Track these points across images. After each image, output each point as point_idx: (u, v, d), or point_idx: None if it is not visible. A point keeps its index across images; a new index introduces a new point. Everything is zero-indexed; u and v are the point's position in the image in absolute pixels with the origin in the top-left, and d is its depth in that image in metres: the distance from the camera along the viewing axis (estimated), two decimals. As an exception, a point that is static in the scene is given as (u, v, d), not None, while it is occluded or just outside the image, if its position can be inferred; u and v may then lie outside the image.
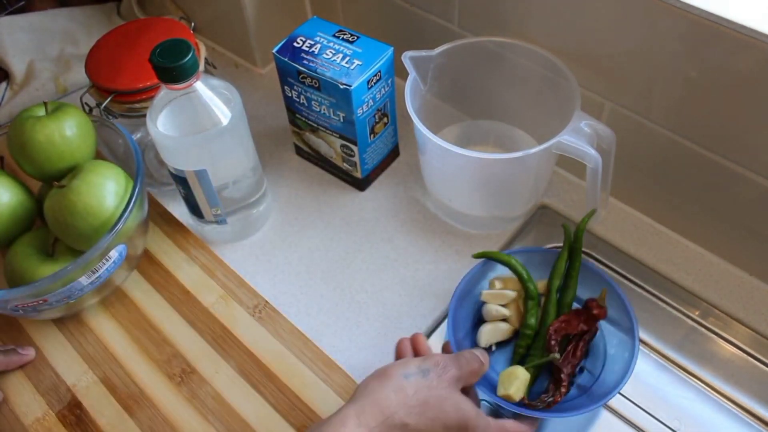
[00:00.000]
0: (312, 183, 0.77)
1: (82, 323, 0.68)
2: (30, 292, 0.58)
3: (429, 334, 0.65)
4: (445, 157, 0.63)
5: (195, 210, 0.69)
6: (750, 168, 0.59)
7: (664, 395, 0.61)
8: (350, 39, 0.67)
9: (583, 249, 0.69)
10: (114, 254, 0.61)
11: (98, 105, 0.71)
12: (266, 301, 0.67)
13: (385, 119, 0.70)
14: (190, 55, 0.57)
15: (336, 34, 0.67)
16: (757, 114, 0.55)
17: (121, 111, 0.72)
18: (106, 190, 0.60)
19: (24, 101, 0.88)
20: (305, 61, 0.65)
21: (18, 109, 0.85)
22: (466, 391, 0.53)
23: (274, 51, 0.67)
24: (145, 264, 0.71)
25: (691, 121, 0.60)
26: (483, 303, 0.63)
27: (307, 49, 0.66)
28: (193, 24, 0.88)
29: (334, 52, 0.66)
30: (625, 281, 0.67)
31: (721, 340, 0.63)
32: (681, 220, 0.68)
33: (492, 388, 0.56)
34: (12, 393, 0.64)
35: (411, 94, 0.64)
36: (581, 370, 0.61)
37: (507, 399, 0.55)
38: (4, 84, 0.91)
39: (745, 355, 0.62)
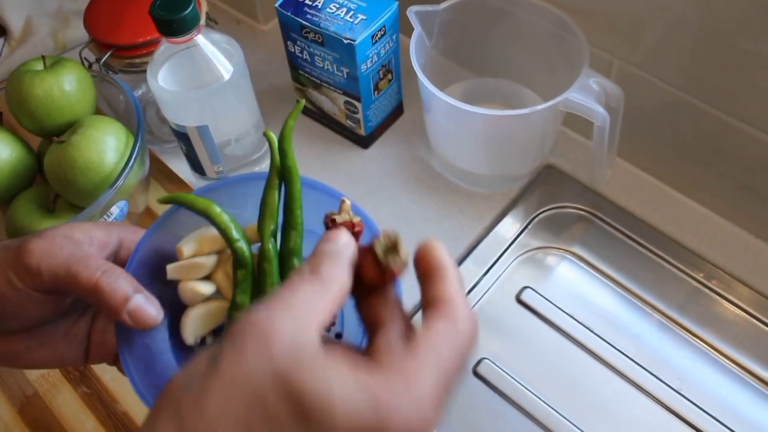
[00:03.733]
0: (315, 140, 0.76)
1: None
2: (31, 248, 0.57)
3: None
4: (450, 114, 0.62)
5: (197, 167, 0.68)
6: (760, 128, 0.58)
7: (667, 355, 0.61)
8: (354, -7, 0.65)
9: (588, 209, 0.69)
10: (115, 210, 0.61)
11: (98, 60, 0.70)
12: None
13: (390, 76, 0.69)
14: (190, 7, 0.55)
15: (340, -12, 0.66)
16: (770, 71, 0.54)
17: (121, 66, 0.71)
18: (106, 145, 0.60)
19: (22, 57, 0.86)
20: (308, 16, 0.64)
21: (16, 66, 0.84)
22: None
23: (276, 5, 0.66)
24: (147, 221, 0.70)
25: (701, 80, 0.59)
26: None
27: (310, 3, 0.65)
28: (193, -22, 0.86)
29: (337, 6, 0.64)
30: (630, 242, 0.67)
31: (724, 302, 0.63)
32: (688, 182, 0.68)
33: None
34: (15, 348, 0.64)
35: (416, 50, 0.63)
36: (337, 337, 0.47)
37: None
38: (1, 40, 0.90)
39: (748, 316, 0.62)
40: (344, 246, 0.32)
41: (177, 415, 0.27)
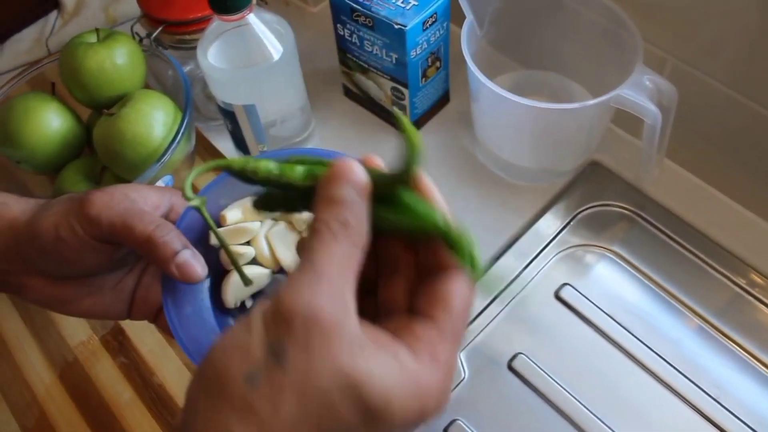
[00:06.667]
0: (360, 125, 0.76)
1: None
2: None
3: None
4: (498, 104, 0.62)
5: (241, 145, 0.69)
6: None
7: (705, 361, 0.60)
8: (407, -22, 0.65)
9: (632, 209, 0.68)
10: (161, 184, 0.61)
11: (148, 35, 0.70)
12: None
13: (438, 63, 0.69)
14: (244, -14, 0.56)
15: (392, -27, 0.65)
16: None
17: (171, 42, 0.71)
18: (154, 119, 0.60)
19: (74, 30, 0.88)
20: (360, -1, 0.64)
21: (67, 38, 0.85)
22: None
23: (328, -13, 0.66)
24: (190, 197, 0.71)
25: (757, 81, 0.57)
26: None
27: (362, -14, 0.65)
28: (245, -42, 0.86)
29: (389, -9, 0.64)
30: (673, 243, 0.65)
31: (767, 309, 0.62)
32: (736, 186, 0.66)
33: None
34: (59, 316, 0.65)
35: (467, 38, 0.62)
36: None
37: None
38: (54, 12, 0.91)
39: (791, 325, 0.61)
40: (355, 183, 0.31)
41: (255, 417, 0.27)
